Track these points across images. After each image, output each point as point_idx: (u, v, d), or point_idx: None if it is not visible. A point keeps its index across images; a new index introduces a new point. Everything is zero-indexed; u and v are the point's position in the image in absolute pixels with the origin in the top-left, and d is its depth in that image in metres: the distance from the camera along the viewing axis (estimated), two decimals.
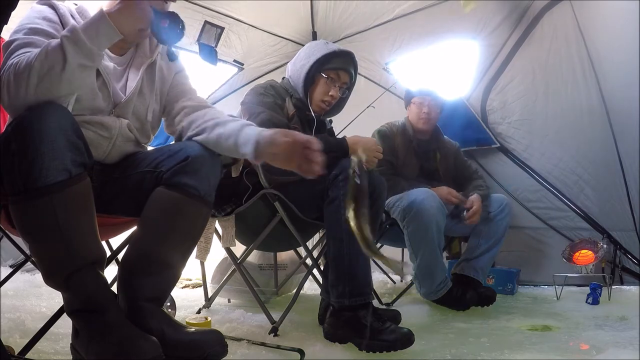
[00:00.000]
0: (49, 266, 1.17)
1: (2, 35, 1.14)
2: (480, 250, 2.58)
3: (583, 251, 2.79)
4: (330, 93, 2.09)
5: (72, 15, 1.39)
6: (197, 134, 1.44)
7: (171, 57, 1.47)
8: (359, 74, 2.36)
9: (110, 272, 1.40)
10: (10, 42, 1.26)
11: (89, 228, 1.19)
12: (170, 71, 1.56)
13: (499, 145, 3.31)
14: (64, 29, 1.33)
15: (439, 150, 2.84)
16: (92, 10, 1.42)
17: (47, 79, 1.15)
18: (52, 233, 1.13)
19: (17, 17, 1.11)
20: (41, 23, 1.31)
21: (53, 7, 1.36)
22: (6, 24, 1.03)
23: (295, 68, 2.12)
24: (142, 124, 1.49)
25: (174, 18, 1.28)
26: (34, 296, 2.36)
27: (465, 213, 2.56)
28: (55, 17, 1.34)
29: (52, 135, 1.10)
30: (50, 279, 1.17)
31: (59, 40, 1.17)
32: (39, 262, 1.19)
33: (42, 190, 1.10)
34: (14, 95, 1.15)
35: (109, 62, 1.41)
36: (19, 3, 1.04)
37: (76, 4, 1.43)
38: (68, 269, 1.15)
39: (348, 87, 2.17)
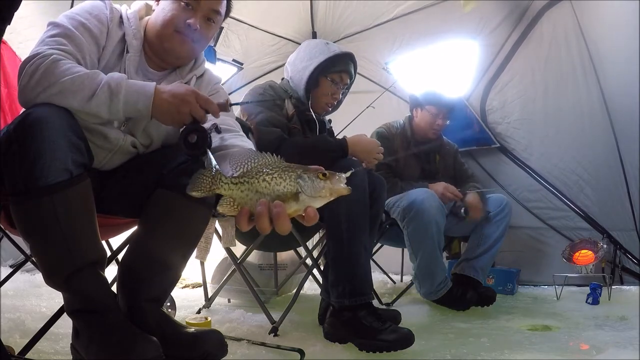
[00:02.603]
0: (50, 266, 1.17)
1: (5, 36, 1.14)
2: (480, 250, 2.58)
3: (583, 251, 2.79)
4: (334, 95, 2.12)
5: (121, 21, 1.39)
6: None
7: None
8: (359, 73, 2.37)
9: (110, 272, 1.40)
10: (55, 24, 1.27)
11: (90, 228, 1.19)
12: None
13: (498, 145, 3.31)
14: (107, 34, 1.35)
15: (438, 151, 2.85)
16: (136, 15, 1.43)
17: (64, 97, 1.16)
18: (52, 233, 1.13)
19: (20, 18, 1.11)
20: (91, 20, 1.32)
21: (107, 8, 1.37)
22: (9, 24, 1.02)
23: (296, 69, 2.12)
24: (151, 142, 1.45)
25: (203, 136, 1.20)
26: (34, 296, 2.36)
27: (463, 210, 2.57)
28: (105, 19, 1.35)
29: (53, 136, 1.10)
30: (51, 279, 1.17)
31: (101, 79, 1.17)
32: (39, 262, 1.19)
33: (43, 190, 1.09)
34: (32, 87, 1.16)
35: (139, 76, 1.40)
36: (22, 3, 1.04)
37: (128, 8, 1.43)
38: (68, 269, 1.14)
39: (347, 87, 2.20)
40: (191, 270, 2.70)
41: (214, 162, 0.87)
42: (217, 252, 2.35)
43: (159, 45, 1.40)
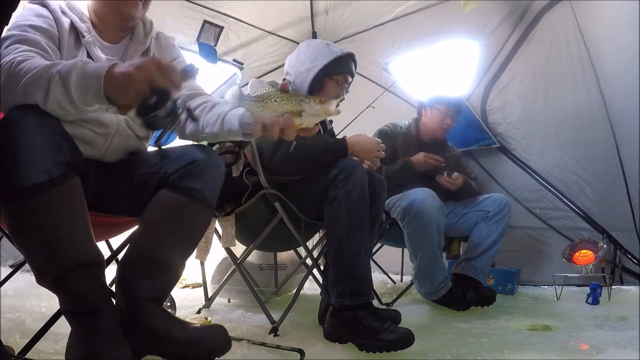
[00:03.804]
0: (36, 268, 1.16)
1: (2, 36, 1.14)
2: (480, 250, 2.57)
3: (583, 251, 2.79)
4: (339, 96, 2.12)
5: (62, 11, 1.38)
6: (190, 136, 1.46)
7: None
8: (359, 74, 2.36)
9: (110, 272, 1.40)
10: (4, 38, 1.24)
11: (78, 230, 1.16)
12: (165, 57, 1.51)
13: (499, 145, 3.31)
14: (57, 25, 1.34)
15: (442, 153, 2.85)
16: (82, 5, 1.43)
17: (29, 97, 1.13)
18: (35, 236, 1.11)
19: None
20: (35, 20, 1.31)
21: (44, 5, 1.36)
22: (7, 24, 1.02)
23: (298, 71, 2.10)
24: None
25: (163, 96, 1.10)
26: (34, 296, 2.35)
27: (439, 177, 2.64)
28: (47, 14, 1.35)
29: (30, 137, 1.08)
30: (40, 279, 1.16)
31: (53, 71, 1.12)
32: (28, 263, 1.18)
33: (22, 193, 1.07)
34: (3, 97, 1.14)
35: (101, 54, 1.41)
36: (20, 4, 1.03)
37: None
38: (55, 271, 1.13)
39: (348, 86, 2.19)
40: (191, 270, 2.70)
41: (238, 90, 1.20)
42: (217, 252, 2.34)
43: (113, 15, 1.41)
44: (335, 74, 2.09)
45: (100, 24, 1.43)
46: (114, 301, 1.29)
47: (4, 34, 1.24)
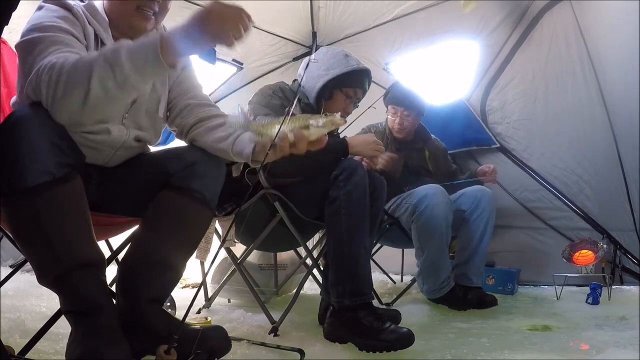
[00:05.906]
0: (37, 267, 1.16)
1: (3, 35, 1.13)
2: (467, 254, 2.53)
3: (583, 251, 2.79)
4: (346, 109, 2.11)
5: (88, 20, 1.32)
6: (194, 138, 1.44)
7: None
8: None
9: (111, 272, 1.40)
10: (33, 40, 1.19)
11: (79, 230, 1.16)
12: None
13: (499, 145, 3.31)
14: (84, 34, 1.29)
15: (426, 148, 2.84)
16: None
17: (71, 96, 1.09)
18: (36, 236, 1.11)
19: (17, 17, 1.10)
20: (63, 24, 1.24)
21: (67, 8, 1.29)
22: (7, 24, 1.02)
23: (311, 76, 2.07)
24: (153, 121, 1.46)
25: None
26: (34, 296, 2.35)
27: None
28: (74, 19, 1.28)
29: (32, 137, 1.08)
30: (41, 280, 1.16)
31: (93, 56, 1.10)
32: (30, 262, 1.18)
33: (24, 192, 1.07)
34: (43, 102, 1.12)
35: None
36: (20, 3, 1.04)
37: (83, 1, 1.36)
38: (55, 271, 1.13)
39: (358, 100, 2.18)
40: (191, 270, 2.70)
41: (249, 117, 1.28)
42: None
43: (125, 25, 1.37)
44: (346, 86, 2.07)
45: (113, 29, 1.38)
46: (114, 301, 1.29)
47: (28, 36, 1.21)
